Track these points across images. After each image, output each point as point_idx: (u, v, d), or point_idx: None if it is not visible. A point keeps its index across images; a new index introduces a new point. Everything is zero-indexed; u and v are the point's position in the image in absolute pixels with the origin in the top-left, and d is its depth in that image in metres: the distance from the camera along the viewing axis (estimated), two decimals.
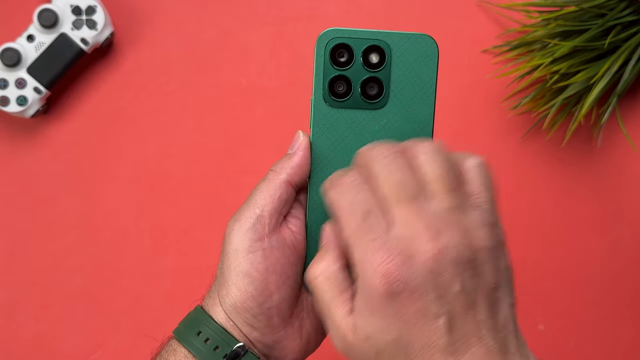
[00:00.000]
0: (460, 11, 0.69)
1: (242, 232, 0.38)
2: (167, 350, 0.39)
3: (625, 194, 0.68)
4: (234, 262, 0.38)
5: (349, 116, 0.39)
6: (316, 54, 0.39)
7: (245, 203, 0.39)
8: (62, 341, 0.68)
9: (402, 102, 0.40)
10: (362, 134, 0.39)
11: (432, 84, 0.40)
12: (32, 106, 0.66)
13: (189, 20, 0.69)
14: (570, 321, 0.68)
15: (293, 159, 0.39)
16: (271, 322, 0.38)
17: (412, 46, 0.40)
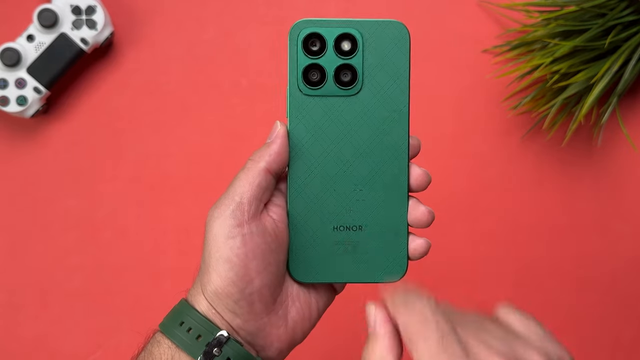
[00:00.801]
0: (460, 11, 0.69)
1: (222, 219, 0.38)
2: (152, 343, 0.39)
3: (625, 194, 0.68)
4: (213, 249, 0.38)
5: (324, 104, 0.40)
6: (289, 44, 0.40)
7: (225, 192, 0.39)
8: (62, 341, 0.68)
9: (377, 88, 0.40)
10: (338, 120, 0.40)
11: (405, 69, 0.41)
12: (32, 106, 0.66)
13: (189, 20, 0.69)
14: (570, 321, 0.68)
15: (271, 147, 0.39)
16: (253, 309, 0.38)
17: (383, 33, 0.40)
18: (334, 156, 0.40)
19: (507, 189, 0.69)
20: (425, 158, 0.68)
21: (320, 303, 0.42)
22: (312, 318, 0.41)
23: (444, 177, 0.68)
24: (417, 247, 0.41)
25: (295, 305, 0.41)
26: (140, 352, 0.39)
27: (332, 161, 0.40)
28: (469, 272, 0.68)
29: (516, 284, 0.68)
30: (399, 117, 0.41)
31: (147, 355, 0.39)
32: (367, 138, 0.40)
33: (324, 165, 0.40)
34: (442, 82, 0.69)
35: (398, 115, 0.41)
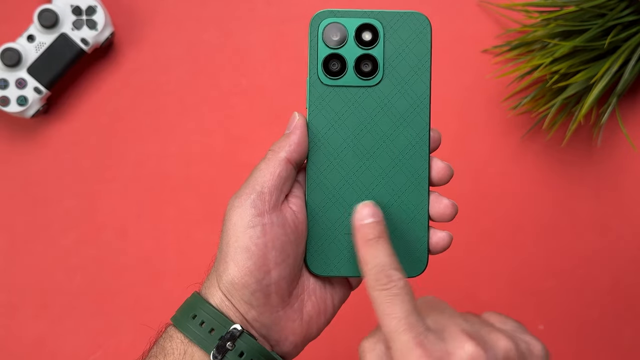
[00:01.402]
0: (460, 11, 0.69)
1: (242, 208, 0.38)
2: (164, 337, 0.39)
3: (625, 194, 0.68)
4: (232, 237, 0.38)
5: (344, 94, 0.40)
6: (310, 34, 0.40)
7: (246, 182, 0.39)
8: (62, 341, 0.68)
9: (397, 78, 0.40)
10: (358, 110, 0.40)
11: (426, 60, 0.40)
12: (33, 106, 0.66)
13: (189, 20, 0.69)
14: (570, 321, 0.68)
15: (291, 137, 0.39)
16: (269, 301, 0.38)
17: (404, 24, 0.40)
18: (354, 147, 0.40)
19: (506, 189, 0.69)
20: None
21: (336, 298, 0.41)
22: (328, 313, 0.41)
23: None
24: (439, 241, 0.41)
25: (311, 300, 0.40)
26: (152, 347, 0.39)
27: (352, 152, 0.40)
28: (469, 271, 0.68)
29: (515, 284, 0.68)
30: (420, 109, 0.40)
31: (159, 350, 0.38)
32: (388, 129, 0.40)
33: (343, 156, 0.40)
34: (442, 82, 0.69)
35: (419, 107, 0.40)
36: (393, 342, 0.34)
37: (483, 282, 0.68)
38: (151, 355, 0.38)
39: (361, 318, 0.65)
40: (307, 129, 0.39)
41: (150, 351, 0.39)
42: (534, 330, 0.68)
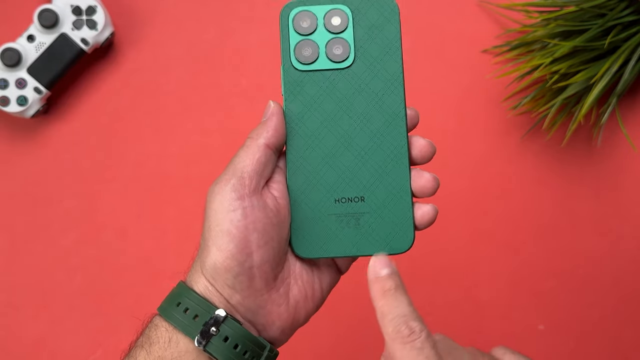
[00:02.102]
0: (460, 11, 0.69)
1: (222, 193, 0.38)
2: (150, 327, 0.39)
3: (625, 194, 0.68)
4: (213, 222, 0.38)
5: (318, 78, 0.40)
6: (281, 24, 0.41)
7: (225, 169, 0.39)
8: (62, 341, 0.68)
9: (369, 60, 0.41)
10: (333, 93, 0.40)
11: (396, 40, 0.41)
12: (33, 106, 0.66)
13: (189, 20, 0.69)
14: (570, 321, 0.68)
15: (267, 123, 0.39)
16: (253, 284, 0.38)
17: (372, 7, 0.41)
18: (332, 129, 0.40)
19: (506, 189, 0.69)
20: None
21: (324, 283, 0.41)
22: (316, 298, 0.41)
23: (444, 176, 0.68)
24: (424, 215, 0.40)
25: (298, 284, 0.40)
26: (138, 337, 0.39)
27: (330, 134, 0.40)
28: (468, 271, 0.68)
29: (515, 284, 0.68)
30: (394, 87, 0.41)
31: (145, 340, 0.38)
32: (364, 109, 0.40)
33: (321, 138, 0.40)
34: (442, 82, 0.69)
35: (393, 86, 0.41)
36: None
37: (483, 282, 0.68)
38: (137, 346, 0.38)
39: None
40: (283, 114, 0.40)
41: (137, 342, 0.39)
42: (534, 330, 0.68)
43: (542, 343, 0.68)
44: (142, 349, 0.38)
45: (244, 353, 0.37)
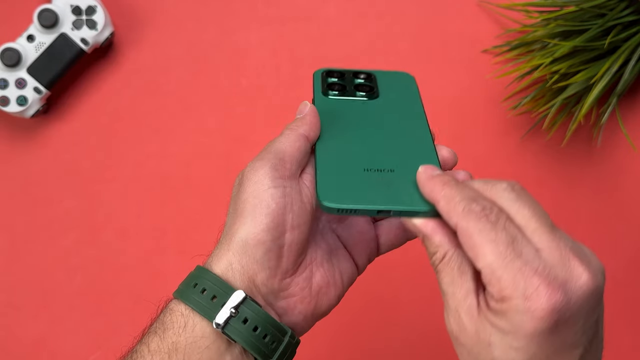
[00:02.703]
0: (460, 11, 0.69)
1: (264, 169, 0.37)
2: (164, 312, 0.38)
3: (625, 194, 0.68)
4: (252, 195, 0.37)
5: (345, 101, 0.43)
6: (314, 81, 0.45)
7: (264, 150, 0.39)
8: (62, 341, 0.68)
9: (393, 97, 0.44)
10: (360, 109, 0.43)
11: (416, 94, 0.45)
12: (32, 106, 0.66)
13: (189, 20, 0.69)
14: None
15: (306, 118, 0.40)
16: (280, 263, 0.37)
17: (393, 77, 0.46)
18: (358, 133, 0.41)
19: None
20: None
21: (344, 275, 0.41)
22: (337, 287, 0.40)
23: None
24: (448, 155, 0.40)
25: (320, 271, 0.40)
26: (152, 323, 0.38)
27: (358, 135, 0.41)
28: None
29: None
30: (417, 111, 0.43)
31: (158, 325, 0.37)
32: (388, 122, 0.42)
33: (350, 137, 0.41)
34: (442, 82, 0.69)
35: (415, 110, 0.43)
36: (502, 271, 0.31)
37: None
38: (150, 332, 0.37)
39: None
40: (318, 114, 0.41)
41: (150, 327, 0.38)
42: None
43: None
44: (155, 334, 0.37)
45: (264, 336, 0.36)
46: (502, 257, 0.31)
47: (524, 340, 0.31)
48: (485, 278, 0.32)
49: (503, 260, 0.31)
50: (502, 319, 0.31)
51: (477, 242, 0.32)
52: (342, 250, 0.42)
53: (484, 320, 0.32)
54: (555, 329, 0.31)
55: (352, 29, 0.69)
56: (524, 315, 0.30)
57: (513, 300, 0.30)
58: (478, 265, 0.32)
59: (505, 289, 0.31)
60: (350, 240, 0.42)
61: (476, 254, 0.32)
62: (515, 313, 0.30)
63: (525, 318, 0.30)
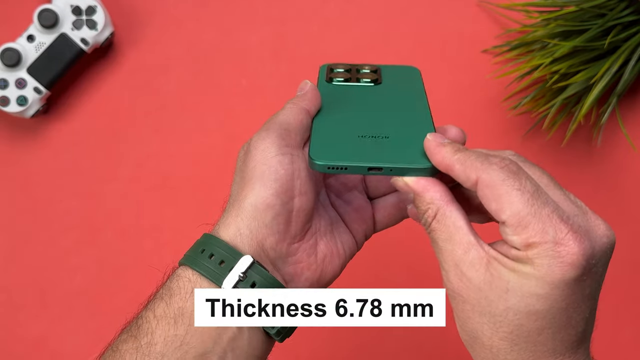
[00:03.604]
0: (460, 11, 0.69)
1: (271, 138, 0.38)
2: (171, 279, 0.38)
3: (625, 193, 0.68)
4: (260, 162, 0.38)
5: (348, 86, 0.44)
6: (319, 73, 0.46)
7: (268, 122, 0.39)
8: (62, 341, 0.68)
9: (395, 84, 0.45)
10: (360, 90, 0.44)
11: (420, 85, 0.45)
12: (32, 106, 0.66)
13: (189, 20, 0.69)
14: None
15: (307, 94, 0.41)
16: (289, 228, 0.38)
17: (399, 69, 0.47)
18: (357, 109, 0.42)
19: None
20: None
21: (345, 246, 0.42)
22: (340, 257, 0.41)
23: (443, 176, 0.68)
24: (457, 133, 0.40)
25: (324, 240, 0.40)
26: (158, 290, 0.38)
27: (355, 112, 0.41)
28: None
29: None
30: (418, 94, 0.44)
31: (165, 291, 0.37)
32: (390, 102, 0.42)
33: (348, 109, 0.42)
34: (442, 82, 0.69)
35: (417, 93, 0.44)
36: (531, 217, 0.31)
37: None
38: (156, 297, 0.37)
39: None
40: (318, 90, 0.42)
41: (156, 294, 0.38)
42: None
43: None
44: (161, 300, 0.37)
45: None
46: (529, 204, 0.31)
47: (549, 287, 0.31)
48: (510, 226, 0.32)
49: (531, 207, 0.31)
50: (527, 265, 0.31)
51: (503, 191, 0.32)
52: (341, 223, 0.42)
53: (499, 268, 0.32)
54: (581, 277, 0.31)
55: (352, 29, 0.69)
56: (554, 260, 0.31)
57: (543, 245, 0.31)
58: (503, 215, 0.32)
59: (534, 236, 0.31)
60: (348, 216, 0.43)
61: (502, 204, 0.32)
62: (545, 258, 0.31)
63: (555, 262, 0.31)
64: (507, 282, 0.32)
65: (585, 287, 0.32)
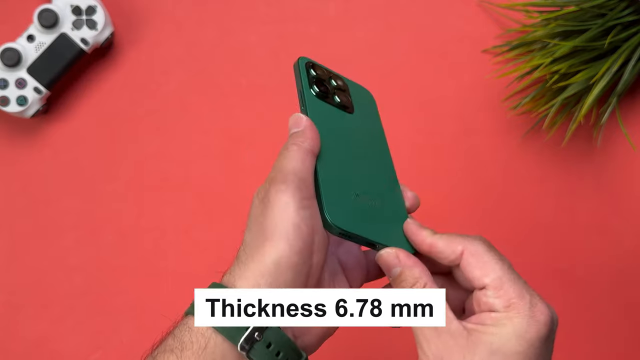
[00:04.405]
0: (460, 11, 0.69)
1: (291, 190, 0.37)
2: (181, 329, 0.37)
3: (625, 194, 0.68)
4: (282, 217, 0.37)
5: (332, 110, 0.44)
6: (300, 72, 0.45)
7: (282, 172, 0.38)
8: (62, 341, 0.68)
9: (363, 114, 0.46)
10: (342, 122, 0.44)
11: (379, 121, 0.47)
12: (32, 106, 0.66)
13: (189, 20, 0.69)
14: (569, 321, 0.68)
15: (306, 132, 0.40)
16: (307, 284, 0.38)
17: (360, 92, 0.47)
18: (346, 148, 0.43)
19: (506, 189, 0.69)
20: (425, 158, 0.69)
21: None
22: None
23: (444, 176, 0.69)
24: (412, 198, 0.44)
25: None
26: (165, 339, 0.37)
27: (345, 151, 0.42)
28: None
29: None
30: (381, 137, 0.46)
31: (176, 344, 0.36)
32: (365, 142, 0.44)
33: (339, 152, 0.42)
34: (442, 82, 0.69)
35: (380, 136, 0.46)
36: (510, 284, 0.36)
37: None
38: (166, 349, 0.36)
39: None
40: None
41: (164, 343, 0.37)
42: None
43: None
44: (172, 353, 0.36)
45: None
46: (508, 272, 0.37)
47: (527, 344, 0.35)
48: (493, 289, 0.37)
49: (510, 275, 0.37)
50: (507, 326, 0.36)
51: (487, 259, 0.37)
52: (341, 273, 0.43)
53: (480, 336, 0.36)
54: (549, 336, 0.36)
55: (352, 29, 0.69)
56: (531, 319, 0.36)
57: (521, 307, 0.36)
58: (487, 279, 0.37)
59: (514, 297, 0.36)
60: (348, 265, 0.43)
61: (486, 270, 0.37)
62: (524, 317, 0.36)
63: (532, 322, 0.36)
64: (491, 344, 0.35)
65: (549, 346, 0.37)
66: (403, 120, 0.68)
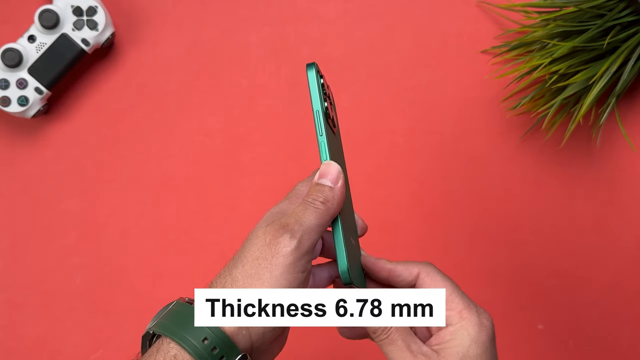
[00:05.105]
0: (460, 11, 0.69)
1: (301, 251, 0.38)
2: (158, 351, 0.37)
3: (625, 194, 0.68)
4: (283, 275, 0.38)
5: (333, 136, 0.44)
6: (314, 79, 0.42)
7: (297, 223, 0.39)
8: (63, 341, 0.68)
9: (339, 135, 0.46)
10: (339, 151, 0.45)
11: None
12: (33, 106, 0.66)
13: (189, 20, 0.70)
14: (570, 321, 0.68)
15: (337, 197, 0.41)
16: (283, 333, 0.41)
17: None
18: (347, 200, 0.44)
19: (506, 190, 0.69)
20: (425, 158, 0.69)
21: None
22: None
23: (443, 177, 0.69)
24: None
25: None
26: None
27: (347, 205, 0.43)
28: (469, 271, 0.68)
29: (515, 284, 0.68)
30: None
31: None
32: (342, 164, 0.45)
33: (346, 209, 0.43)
34: (441, 82, 0.69)
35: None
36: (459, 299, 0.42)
37: (483, 282, 0.68)
38: None
39: None
40: None
41: None
42: (534, 329, 0.68)
43: (542, 342, 0.68)
44: None
45: None
46: (456, 289, 0.42)
47: (482, 347, 0.41)
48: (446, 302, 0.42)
49: (458, 291, 0.42)
50: (464, 335, 0.41)
51: (438, 278, 0.43)
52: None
53: (447, 350, 0.41)
54: (494, 338, 0.42)
55: (352, 29, 0.70)
56: (480, 326, 0.41)
57: (471, 316, 0.41)
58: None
59: (464, 309, 0.41)
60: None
61: (439, 285, 0.42)
62: (475, 325, 0.41)
63: (481, 328, 0.41)
64: (458, 355, 0.40)
65: (495, 346, 0.42)
66: (402, 121, 0.69)
